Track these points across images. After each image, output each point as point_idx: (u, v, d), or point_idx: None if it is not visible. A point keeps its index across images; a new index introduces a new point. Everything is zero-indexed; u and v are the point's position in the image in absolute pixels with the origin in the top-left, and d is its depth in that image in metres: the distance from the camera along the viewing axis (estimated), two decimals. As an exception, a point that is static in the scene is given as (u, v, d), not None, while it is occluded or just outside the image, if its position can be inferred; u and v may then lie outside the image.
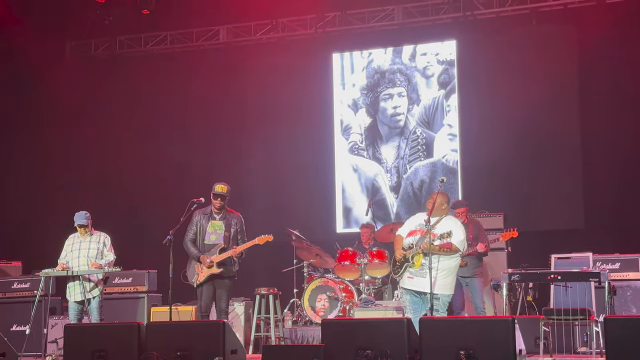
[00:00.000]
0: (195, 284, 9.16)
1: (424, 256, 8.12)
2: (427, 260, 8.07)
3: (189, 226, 9.28)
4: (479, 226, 10.14)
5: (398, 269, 8.34)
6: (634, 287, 9.92)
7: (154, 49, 14.49)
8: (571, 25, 12.64)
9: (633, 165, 11.84)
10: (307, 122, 13.87)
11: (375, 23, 13.61)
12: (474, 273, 9.89)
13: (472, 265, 9.84)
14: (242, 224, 9.40)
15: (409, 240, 8.31)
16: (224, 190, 9.26)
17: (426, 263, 8.05)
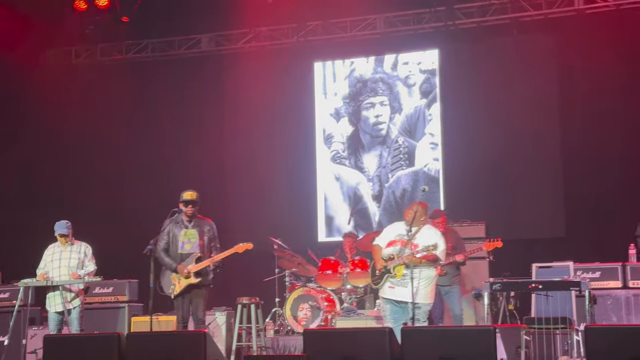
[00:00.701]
0: (172, 295, 9.04)
1: (406, 267, 8.16)
2: (409, 270, 8.10)
3: (159, 236, 9.02)
4: (457, 235, 10.18)
5: (378, 279, 8.40)
6: (614, 296, 9.97)
7: (135, 57, 14.44)
8: (552, 35, 12.73)
9: (614, 174, 11.90)
10: (289, 131, 13.87)
11: (357, 32, 13.63)
12: (453, 282, 9.94)
13: (450, 274, 9.88)
14: (215, 230, 9.23)
15: (389, 250, 8.35)
16: (194, 196, 9.03)
17: (408, 273, 8.09)
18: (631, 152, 11.78)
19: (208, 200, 12.25)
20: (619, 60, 11.98)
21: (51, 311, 9.40)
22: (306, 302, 11.01)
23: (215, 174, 13.86)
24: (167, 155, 13.95)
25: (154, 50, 14.40)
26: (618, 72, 12.02)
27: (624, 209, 11.00)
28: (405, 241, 8.23)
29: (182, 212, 9.07)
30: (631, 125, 11.89)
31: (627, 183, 11.59)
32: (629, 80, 11.98)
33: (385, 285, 8.35)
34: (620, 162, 11.87)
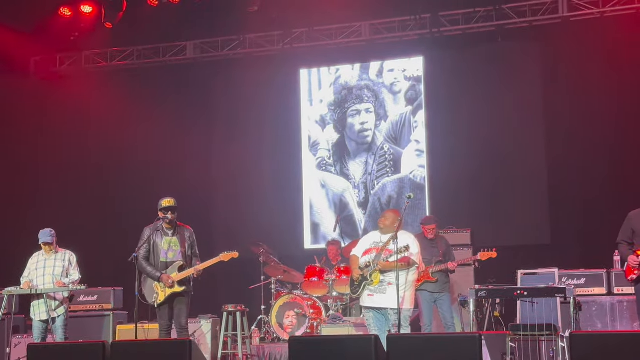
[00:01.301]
0: (156, 304, 8.96)
1: (382, 273, 8.24)
2: (385, 276, 8.21)
3: (139, 244, 8.93)
4: (447, 243, 10.19)
5: (357, 289, 8.53)
6: (599, 303, 10.01)
7: (120, 64, 14.40)
8: (536, 42, 12.79)
9: (598, 181, 11.95)
10: (275, 138, 13.88)
11: (343, 39, 13.65)
12: (443, 289, 9.91)
13: (441, 281, 9.87)
14: (194, 236, 9.21)
15: (365, 259, 8.52)
16: (172, 203, 8.95)
17: (385, 279, 8.25)
18: (616, 158, 11.83)
19: (194, 207, 12.29)
20: (604, 67, 12.05)
21: (35, 319, 9.35)
22: (292, 309, 11.00)
23: (201, 181, 13.84)
24: (152, 163, 13.89)
25: (139, 57, 14.36)
26: (602, 79, 12.08)
27: (608, 216, 11.02)
28: (380, 248, 8.37)
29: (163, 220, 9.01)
30: (616, 132, 11.95)
31: (611, 190, 11.64)
32: (614, 87, 12.05)
33: (364, 294, 8.50)
34: (604, 169, 11.93)
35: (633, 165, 11.02)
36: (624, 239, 8.24)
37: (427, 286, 9.77)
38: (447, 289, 9.97)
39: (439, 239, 10.06)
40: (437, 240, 9.99)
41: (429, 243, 9.94)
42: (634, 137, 11.80)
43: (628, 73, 11.90)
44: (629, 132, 11.84)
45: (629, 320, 9.82)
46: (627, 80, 11.91)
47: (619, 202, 10.43)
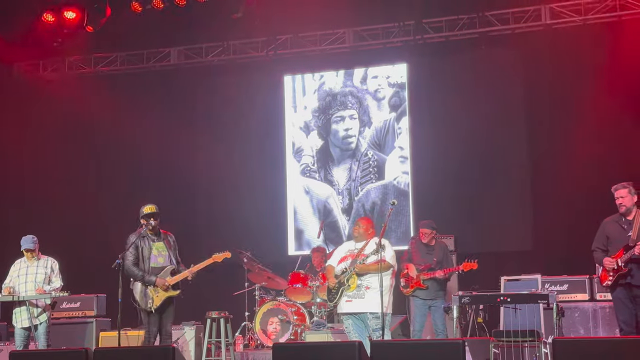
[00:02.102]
0: (153, 309, 8.93)
1: (359, 277, 8.28)
2: (362, 280, 8.26)
3: (128, 250, 8.90)
4: (445, 250, 10.05)
5: (334, 296, 8.56)
6: (581, 309, 10.06)
7: (104, 70, 14.36)
8: (519, 49, 12.86)
9: (581, 188, 12.00)
10: (259, 145, 13.88)
11: (327, 46, 13.67)
12: (437, 296, 9.80)
13: (433, 288, 9.77)
14: (176, 242, 9.28)
15: (341, 266, 8.62)
16: (154, 209, 9.02)
17: (362, 283, 8.30)
18: (598, 165, 11.89)
19: (178, 212, 12.26)
20: (585, 75, 12.12)
21: (17, 327, 9.30)
22: (276, 315, 10.98)
23: (185, 187, 13.81)
24: (135, 168, 13.86)
25: (123, 63, 14.33)
26: (585, 86, 12.15)
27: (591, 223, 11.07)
28: (355, 254, 8.43)
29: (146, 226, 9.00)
30: (598, 139, 12.02)
31: (594, 196, 11.66)
32: (596, 94, 12.10)
33: (342, 300, 8.53)
34: (587, 176, 11.97)
35: (616, 171, 11.07)
36: (599, 245, 8.31)
37: (419, 293, 9.74)
38: (442, 296, 9.84)
39: (438, 245, 9.99)
40: (436, 246, 9.94)
41: (425, 248, 9.91)
42: (616, 143, 11.87)
43: (609, 80, 11.97)
44: (612, 139, 11.92)
45: (611, 326, 9.88)
46: (608, 87, 11.97)
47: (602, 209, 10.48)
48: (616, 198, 8.18)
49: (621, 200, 8.13)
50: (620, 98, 11.88)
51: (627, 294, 8.06)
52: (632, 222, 8.04)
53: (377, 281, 8.27)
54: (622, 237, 8.05)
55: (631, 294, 8.03)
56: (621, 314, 8.15)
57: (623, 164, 11.42)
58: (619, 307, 8.19)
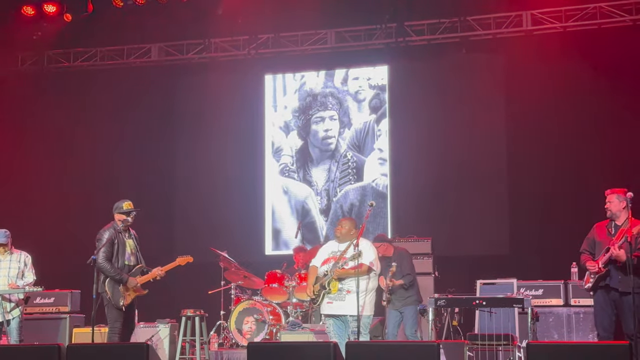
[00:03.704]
0: (123, 307, 8.80)
1: (340, 281, 8.34)
2: (343, 284, 8.27)
3: (104, 246, 8.71)
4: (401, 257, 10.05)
5: (317, 298, 8.54)
6: (556, 314, 10.11)
7: (83, 65, 14.27)
8: (500, 54, 12.92)
9: (558, 193, 12.10)
10: (238, 143, 13.84)
11: (308, 46, 13.66)
12: (405, 303, 9.84)
13: (398, 295, 9.85)
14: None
15: (324, 268, 8.61)
16: (131, 205, 8.93)
17: (343, 287, 8.31)
18: (576, 170, 11.98)
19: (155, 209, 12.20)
20: (566, 81, 12.21)
21: (-10, 321, 9.20)
22: (251, 315, 10.94)
23: (162, 185, 13.76)
24: (112, 165, 13.77)
25: (102, 58, 14.24)
26: (564, 93, 12.25)
27: (567, 228, 11.17)
28: (337, 257, 8.42)
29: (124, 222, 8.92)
30: (577, 144, 12.11)
31: (571, 202, 11.78)
32: (575, 101, 12.21)
33: (324, 302, 8.51)
34: (565, 181, 12.07)
35: (594, 178, 11.16)
36: (586, 248, 8.37)
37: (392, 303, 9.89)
38: (410, 302, 9.84)
39: (396, 253, 10.05)
40: (393, 255, 10.01)
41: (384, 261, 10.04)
42: (594, 149, 11.96)
43: (588, 87, 12.07)
44: (590, 145, 12.00)
45: (584, 331, 9.94)
46: (587, 93, 12.07)
47: (578, 215, 10.58)
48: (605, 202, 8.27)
49: (608, 205, 8.23)
50: (599, 105, 11.97)
51: (607, 298, 8.12)
52: (619, 227, 8.12)
53: (361, 284, 8.23)
54: (607, 241, 8.12)
55: (610, 297, 8.08)
56: (600, 318, 8.20)
57: (601, 170, 11.49)
58: (598, 312, 8.25)
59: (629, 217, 7.97)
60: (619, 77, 11.87)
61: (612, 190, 8.26)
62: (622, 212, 8.17)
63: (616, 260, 7.97)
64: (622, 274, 7.96)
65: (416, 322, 9.88)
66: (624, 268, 7.90)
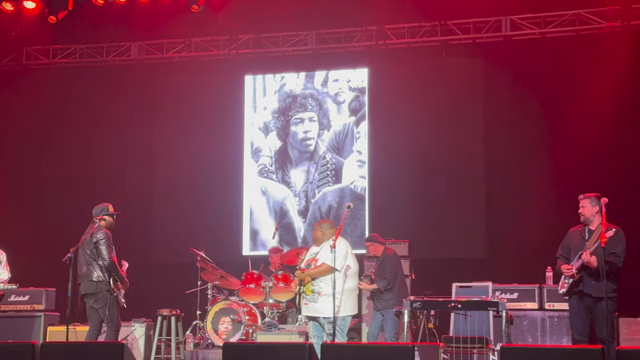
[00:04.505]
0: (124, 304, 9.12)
1: (312, 282, 8.44)
2: (314, 285, 8.42)
3: (111, 246, 9.00)
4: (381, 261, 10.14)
5: (299, 300, 8.64)
6: (530, 317, 10.18)
7: (62, 62, 14.19)
8: (479, 58, 12.99)
9: (535, 197, 12.17)
10: (217, 143, 13.80)
11: (289, 47, 13.67)
12: (385, 306, 9.93)
13: (379, 298, 9.97)
14: None
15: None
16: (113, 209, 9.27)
17: (315, 288, 8.35)
18: (553, 176, 12.05)
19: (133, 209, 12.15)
20: (543, 87, 12.30)
21: (-37, 319, 9.15)
22: (228, 315, 10.94)
23: (140, 184, 13.69)
24: (89, 163, 13.70)
25: (82, 56, 14.17)
26: (542, 98, 12.34)
27: (543, 233, 11.25)
28: (311, 259, 8.56)
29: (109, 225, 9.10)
30: (554, 148, 12.19)
31: (548, 206, 11.85)
32: (552, 107, 12.30)
33: (302, 303, 8.58)
34: (542, 186, 12.15)
35: (570, 183, 11.24)
36: (562, 253, 8.44)
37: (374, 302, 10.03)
38: (390, 306, 9.89)
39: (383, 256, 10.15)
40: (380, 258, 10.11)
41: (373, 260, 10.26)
42: (572, 154, 12.03)
43: (566, 93, 12.17)
44: (568, 150, 12.07)
45: (558, 335, 10.02)
46: (565, 99, 12.17)
47: (555, 220, 10.67)
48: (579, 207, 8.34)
49: (581, 210, 8.29)
50: (577, 111, 12.05)
51: (581, 303, 8.18)
52: (593, 232, 8.18)
53: (327, 286, 8.27)
54: (581, 246, 8.18)
55: (584, 303, 8.15)
56: (574, 323, 8.27)
57: (578, 175, 11.58)
58: (572, 317, 8.32)
59: (602, 221, 8.03)
60: (596, 83, 11.95)
61: (585, 194, 8.33)
62: (595, 216, 8.24)
63: (589, 266, 8.04)
64: (594, 279, 8.03)
65: (396, 326, 9.91)
66: (597, 274, 7.96)
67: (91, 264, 8.93)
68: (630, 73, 11.79)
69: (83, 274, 8.96)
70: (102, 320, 8.94)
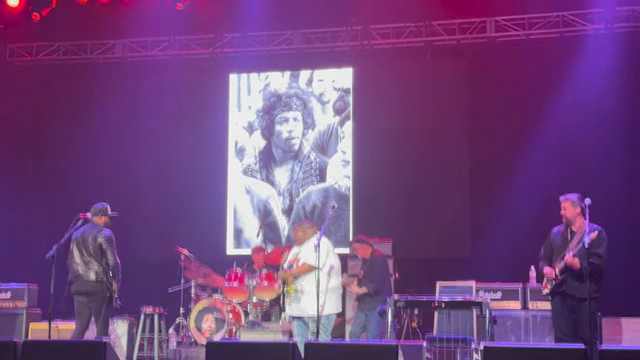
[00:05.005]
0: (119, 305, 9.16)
1: (295, 281, 8.49)
2: (297, 285, 8.51)
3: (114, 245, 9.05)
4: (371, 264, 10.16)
5: (282, 299, 8.68)
6: (513, 317, 10.22)
7: (46, 59, 14.11)
8: (463, 59, 13.03)
9: (520, 198, 12.21)
10: (202, 142, 13.78)
11: (274, 47, 13.66)
12: (371, 307, 9.96)
13: (365, 300, 10.00)
14: None
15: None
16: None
17: (297, 288, 8.41)
18: (538, 176, 12.10)
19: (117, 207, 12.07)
20: (528, 88, 12.36)
21: (-56, 316, 9.08)
22: (211, 313, 10.93)
23: (124, 182, 13.61)
24: (73, 161, 13.63)
25: (65, 53, 14.09)
26: (527, 99, 12.39)
27: (527, 232, 11.29)
28: (293, 259, 8.63)
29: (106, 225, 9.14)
30: (537, 148, 12.25)
31: (531, 206, 11.90)
32: (536, 106, 12.36)
33: (286, 303, 8.60)
34: (526, 186, 12.19)
35: (554, 183, 11.30)
36: (544, 254, 8.49)
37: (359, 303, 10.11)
38: (375, 307, 9.92)
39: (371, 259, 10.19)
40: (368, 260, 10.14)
41: (362, 262, 10.35)
42: (556, 154, 12.11)
43: (551, 94, 12.23)
44: (551, 150, 12.14)
45: (541, 334, 10.06)
46: (549, 100, 12.22)
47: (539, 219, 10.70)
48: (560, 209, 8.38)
49: (563, 212, 8.35)
50: (561, 112, 12.12)
51: (564, 304, 8.23)
52: (575, 233, 8.22)
53: (310, 284, 8.29)
54: (564, 246, 8.23)
55: (568, 304, 8.20)
56: (557, 323, 8.34)
57: (562, 175, 11.65)
58: (555, 317, 8.38)
59: (584, 222, 8.07)
60: (579, 83, 12.03)
61: (566, 196, 8.38)
62: (577, 217, 8.29)
63: (572, 268, 8.08)
64: (577, 281, 8.08)
65: (379, 326, 9.94)
66: (580, 275, 8.02)
67: (90, 263, 8.89)
68: (613, 75, 11.86)
69: (79, 273, 8.90)
70: (91, 318, 8.93)
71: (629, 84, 11.89)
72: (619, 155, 11.92)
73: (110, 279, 8.91)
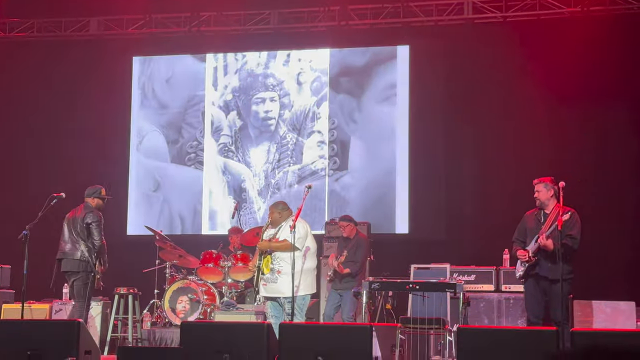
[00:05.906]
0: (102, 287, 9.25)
1: (272, 261, 8.40)
2: (274, 264, 8.41)
3: (101, 227, 9.13)
4: (356, 244, 10.23)
5: (256, 280, 8.62)
6: (487, 299, 10.29)
7: (19, 36, 13.93)
8: (441, 41, 12.99)
9: (492, 179, 12.27)
10: (177, 121, 13.68)
11: (251, 26, 13.57)
12: (345, 287, 10.05)
13: (340, 279, 10.07)
14: None
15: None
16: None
17: (274, 267, 8.35)
18: (514, 160, 12.16)
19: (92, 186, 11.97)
20: (505, 70, 12.39)
21: None
22: (186, 294, 10.91)
23: (100, 161, 13.50)
24: (46, 140, 13.50)
25: (39, 30, 13.92)
26: (504, 82, 12.42)
27: (501, 215, 11.35)
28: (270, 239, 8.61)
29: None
30: (513, 131, 12.30)
31: (507, 189, 11.95)
32: (514, 91, 12.39)
33: (260, 284, 8.58)
34: (502, 168, 12.24)
35: (530, 165, 11.36)
36: (518, 237, 8.54)
37: (334, 282, 10.13)
38: (350, 287, 10.01)
39: (356, 239, 10.22)
40: (352, 240, 10.16)
41: (342, 241, 10.38)
42: (531, 137, 12.16)
43: (527, 77, 12.25)
44: (529, 135, 12.19)
45: (514, 316, 10.14)
46: (526, 84, 12.25)
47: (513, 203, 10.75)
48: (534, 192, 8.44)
49: (537, 195, 8.40)
50: (538, 95, 12.17)
51: (537, 286, 8.30)
52: (548, 215, 8.29)
53: (287, 265, 8.30)
54: (537, 229, 8.29)
55: (540, 286, 8.27)
56: (530, 305, 8.40)
57: (539, 160, 11.71)
58: (528, 299, 8.44)
59: (558, 205, 8.15)
60: (554, 66, 12.07)
61: (539, 179, 8.44)
62: (550, 200, 8.36)
63: (545, 249, 8.15)
64: (551, 262, 8.15)
65: (354, 307, 10.04)
66: (553, 256, 8.08)
67: (77, 242, 9.00)
68: (590, 58, 11.90)
69: (66, 251, 9.04)
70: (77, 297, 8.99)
71: (604, 67, 11.94)
72: (597, 138, 12.00)
73: (94, 260, 8.90)
